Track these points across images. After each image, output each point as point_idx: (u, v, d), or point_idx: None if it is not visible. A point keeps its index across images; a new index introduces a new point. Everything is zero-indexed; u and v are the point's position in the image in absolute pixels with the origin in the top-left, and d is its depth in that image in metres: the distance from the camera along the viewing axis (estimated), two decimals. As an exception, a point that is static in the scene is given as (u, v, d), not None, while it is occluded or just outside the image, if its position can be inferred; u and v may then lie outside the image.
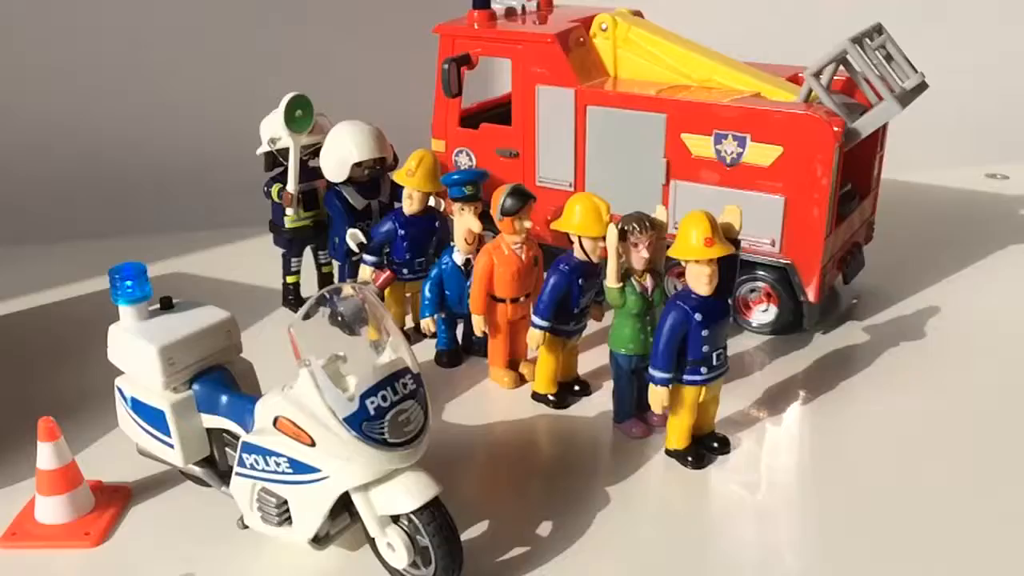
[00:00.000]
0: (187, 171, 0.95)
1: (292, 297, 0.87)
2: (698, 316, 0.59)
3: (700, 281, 0.59)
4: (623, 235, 0.63)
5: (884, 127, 0.82)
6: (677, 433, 0.63)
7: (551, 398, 0.70)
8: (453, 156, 0.89)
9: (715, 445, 0.64)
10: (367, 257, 0.77)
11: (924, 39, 0.94)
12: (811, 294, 0.75)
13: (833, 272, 0.79)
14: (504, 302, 0.71)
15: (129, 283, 0.53)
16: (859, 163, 0.83)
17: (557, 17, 0.88)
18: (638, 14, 0.88)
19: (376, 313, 0.49)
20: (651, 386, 0.61)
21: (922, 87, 0.77)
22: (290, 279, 0.86)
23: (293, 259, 0.86)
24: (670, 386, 0.60)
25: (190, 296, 0.57)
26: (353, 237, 0.77)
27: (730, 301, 0.63)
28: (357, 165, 0.79)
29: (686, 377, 0.60)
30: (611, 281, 0.63)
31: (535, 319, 0.68)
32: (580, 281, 0.68)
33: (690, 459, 0.63)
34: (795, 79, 0.81)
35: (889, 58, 0.77)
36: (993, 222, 1.05)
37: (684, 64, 0.81)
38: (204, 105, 1.27)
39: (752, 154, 0.73)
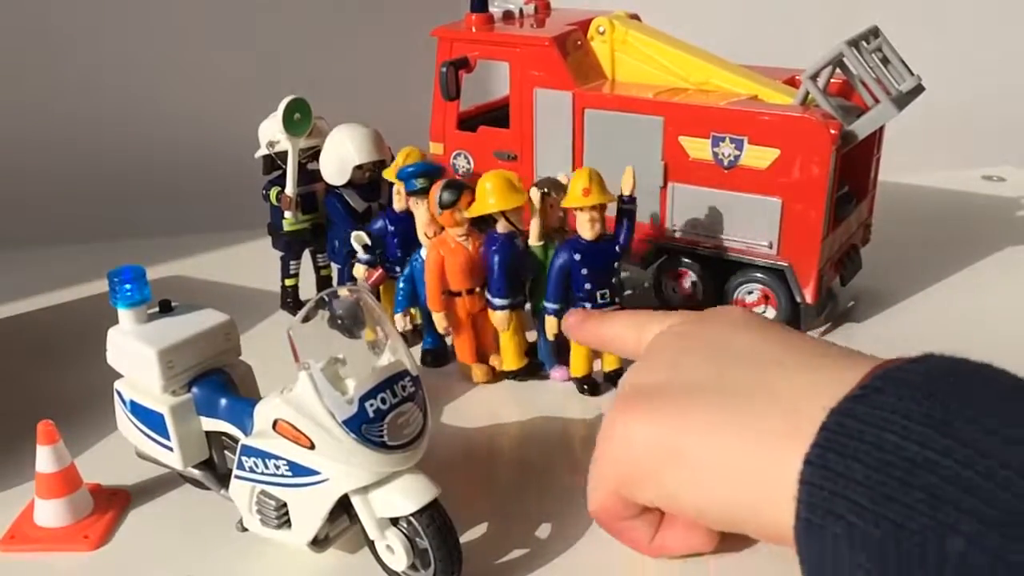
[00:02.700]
0: (186, 174, 0.95)
1: (291, 300, 0.87)
2: (577, 256, 0.67)
3: (584, 227, 0.67)
4: (544, 197, 0.69)
5: (881, 129, 0.83)
6: (576, 362, 0.70)
7: (520, 372, 0.72)
8: (451, 159, 0.89)
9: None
10: (361, 256, 0.77)
11: (920, 42, 0.94)
12: (808, 296, 0.75)
13: (830, 274, 0.79)
14: (460, 295, 0.71)
15: (128, 286, 0.53)
16: (856, 165, 0.83)
17: (554, 20, 0.88)
18: (635, 17, 0.88)
19: (374, 315, 0.49)
20: (546, 316, 0.69)
21: (918, 90, 0.77)
22: (288, 282, 0.86)
23: (292, 262, 0.86)
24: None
25: (189, 299, 0.57)
26: (358, 239, 0.76)
27: (618, 249, 0.69)
28: (358, 168, 0.79)
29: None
30: (534, 240, 0.70)
31: (495, 301, 0.70)
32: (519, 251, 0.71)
33: (586, 387, 0.70)
34: (792, 82, 0.81)
35: (885, 61, 0.77)
36: (989, 224, 1.06)
37: (681, 67, 0.82)
38: (203, 108, 1.27)
39: (749, 156, 0.74)
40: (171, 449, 0.54)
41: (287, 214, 0.82)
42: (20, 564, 0.54)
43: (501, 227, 0.69)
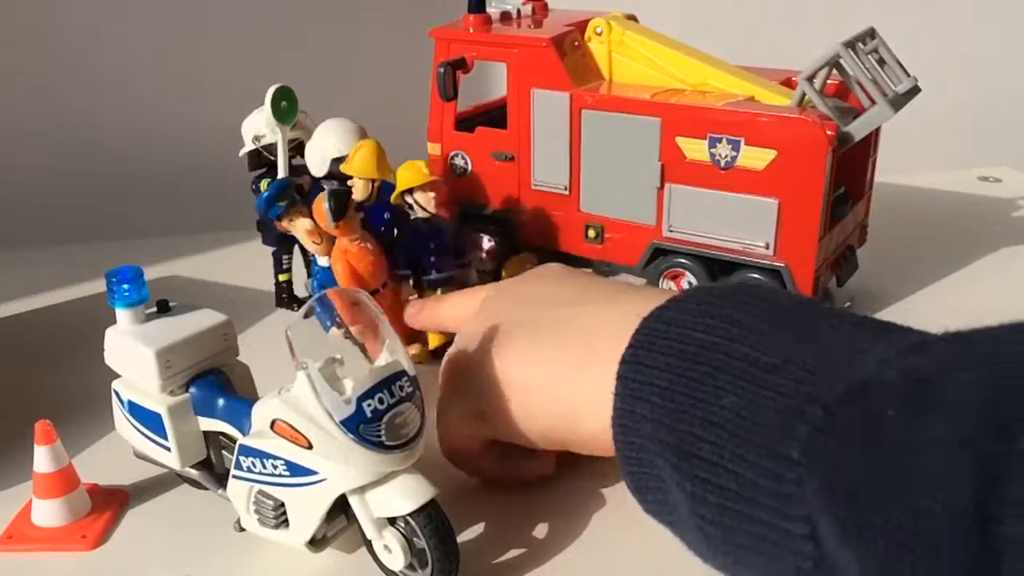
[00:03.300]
0: (184, 174, 0.95)
1: (286, 296, 0.87)
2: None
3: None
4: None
5: (877, 130, 0.83)
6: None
7: (442, 348, 0.72)
8: (449, 159, 0.89)
9: None
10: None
11: (917, 43, 0.94)
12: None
13: (827, 274, 0.79)
14: (377, 292, 0.72)
15: (126, 286, 0.53)
16: (852, 166, 0.84)
17: (552, 21, 0.88)
18: (633, 18, 0.88)
19: (372, 316, 0.49)
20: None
21: (915, 91, 0.77)
22: (282, 277, 0.86)
23: (284, 256, 0.85)
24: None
25: (187, 299, 0.57)
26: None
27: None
28: (337, 160, 0.79)
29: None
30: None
31: (434, 277, 0.76)
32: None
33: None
34: (788, 83, 0.81)
35: (882, 62, 0.77)
36: (986, 224, 1.06)
37: (679, 68, 0.82)
38: (202, 108, 1.27)
39: (746, 158, 0.74)
40: (169, 449, 0.54)
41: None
42: (18, 564, 0.54)
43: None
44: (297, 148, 0.83)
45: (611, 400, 0.44)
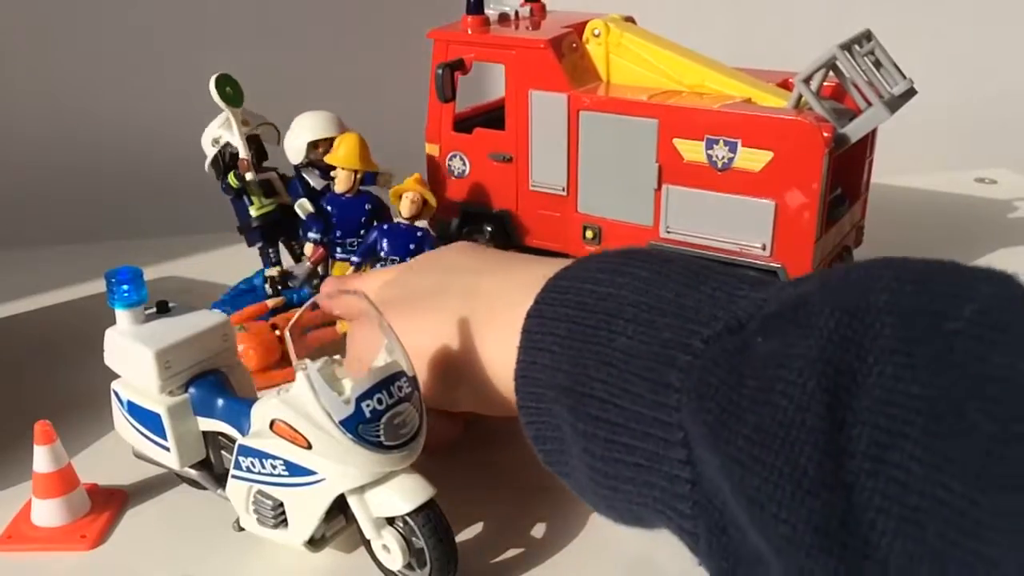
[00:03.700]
0: (183, 175, 0.95)
1: (280, 287, 0.86)
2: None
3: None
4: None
5: (873, 132, 0.83)
6: None
7: None
8: (447, 160, 0.89)
9: None
10: (311, 235, 0.81)
11: (913, 45, 0.95)
12: (802, 297, 0.76)
13: (823, 276, 0.79)
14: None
15: (125, 287, 0.53)
16: (849, 168, 0.84)
17: (550, 23, 0.89)
18: (630, 20, 0.89)
19: (370, 317, 0.50)
20: None
21: (911, 93, 0.77)
22: (272, 272, 0.85)
23: (270, 250, 0.85)
24: None
25: (186, 300, 0.57)
26: (302, 207, 0.81)
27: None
28: (313, 146, 0.82)
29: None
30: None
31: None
32: None
33: None
34: (785, 85, 0.82)
35: (878, 64, 0.78)
36: (982, 226, 1.06)
37: (676, 70, 0.82)
38: (201, 109, 1.27)
39: (743, 159, 0.74)
40: (168, 449, 0.54)
41: (249, 175, 0.81)
42: (17, 564, 0.54)
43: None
44: (259, 150, 0.84)
45: (515, 356, 0.46)
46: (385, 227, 0.79)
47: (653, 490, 0.40)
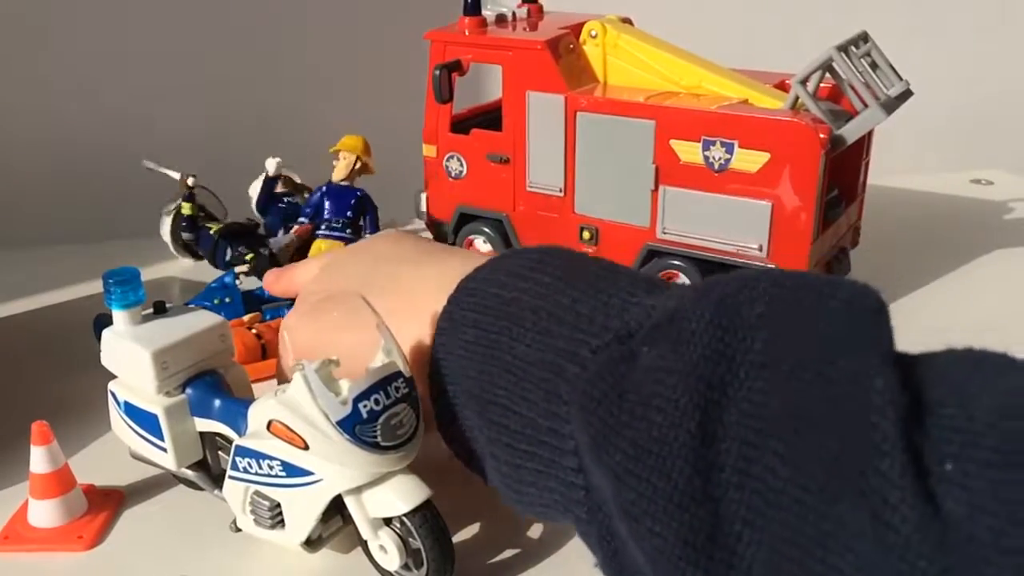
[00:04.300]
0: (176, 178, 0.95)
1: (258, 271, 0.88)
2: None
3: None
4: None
5: (870, 133, 0.83)
6: None
7: None
8: (444, 161, 0.89)
9: None
10: (301, 217, 0.88)
11: (909, 47, 0.95)
12: (798, 298, 0.76)
13: (820, 276, 0.80)
14: None
15: (123, 287, 0.53)
16: (845, 169, 0.84)
17: (547, 24, 0.89)
18: (628, 21, 0.89)
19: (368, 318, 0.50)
20: None
21: (907, 94, 0.78)
22: (241, 269, 0.87)
23: (235, 252, 0.88)
24: None
25: (183, 301, 0.57)
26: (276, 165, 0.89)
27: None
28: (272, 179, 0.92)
29: None
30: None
31: None
32: None
33: None
34: (782, 86, 0.82)
35: (874, 65, 0.78)
36: (978, 227, 1.06)
37: (673, 71, 0.82)
38: (200, 109, 1.27)
39: (739, 160, 0.74)
40: (165, 450, 0.54)
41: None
42: (14, 564, 0.54)
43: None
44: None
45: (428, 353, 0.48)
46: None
47: (554, 494, 0.42)
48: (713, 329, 0.34)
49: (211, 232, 0.89)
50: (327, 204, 0.88)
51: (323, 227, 0.88)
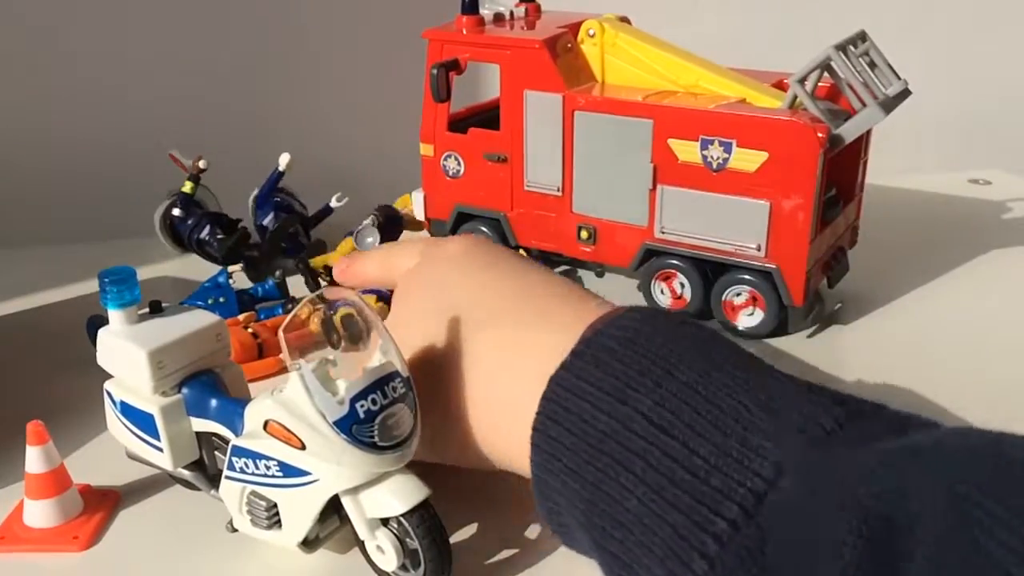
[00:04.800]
0: (178, 174, 0.95)
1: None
2: None
3: None
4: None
5: (868, 133, 0.83)
6: None
7: None
8: (442, 160, 0.89)
9: None
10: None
11: (907, 46, 0.95)
12: (796, 298, 0.76)
13: (818, 276, 0.80)
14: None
15: (118, 287, 0.53)
16: (843, 168, 0.84)
17: (545, 23, 0.89)
18: (625, 20, 0.89)
19: (365, 316, 0.49)
20: None
21: (905, 94, 0.77)
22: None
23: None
24: None
25: (179, 300, 0.57)
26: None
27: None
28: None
29: None
30: None
31: None
32: None
33: None
34: (780, 85, 0.82)
35: (873, 65, 0.78)
36: (976, 227, 1.07)
37: (671, 70, 0.82)
38: (198, 108, 1.27)
39: (738, 159, 0.74)
40: (161, 450, 0.54)
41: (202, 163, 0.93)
42: (9, 565, 0.54)
43: None
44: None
45: (525, 453, 0.42)
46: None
47: None
48: (868, 531, 0.29)
49: (199, 213, 0.92)
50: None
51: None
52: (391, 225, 0.93)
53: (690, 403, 0.36)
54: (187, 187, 0.93)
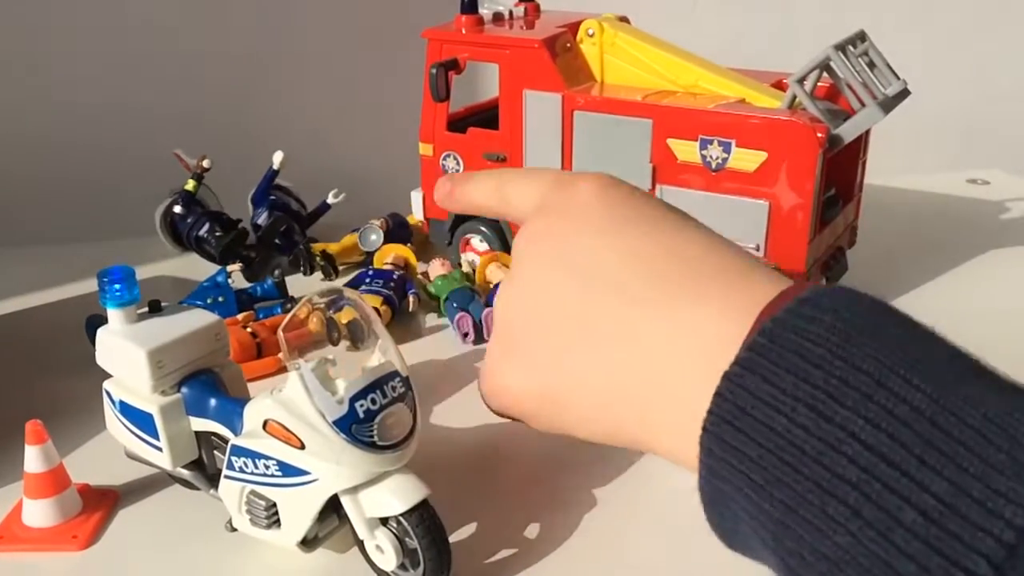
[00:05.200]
0: (176, 174, 0.95)
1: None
2: None
3: None
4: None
5: (867, 133, 0.83)
6: None
7: None
8: (441, 160, 0.89)
9: None
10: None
11: (906, 46, 0.95)
12: (795, 298, 0.76)
13: (817, 276, 0.80)
14: None
15: (117, 286, 0.53)
16: (842, 168, 0.84)
17: (544, 22, 0.89)
18: (624, 20, 0.89)
19: (365, 316, 0.49)
20: None
21: (904, 93, 0.77)
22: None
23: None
24: None
25: (178, 300, 0.57)
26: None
27: None
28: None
29: None
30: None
31: None
32: None
33: None
34: (779, 85, 0.82)
35: (872, 65, 0.78)
36: (974, 226, 1.07)
37: (670, 70, 0.82)
38: (196, 108, 1.27)
39: (737, 159, 0.74)
40: (160, 449, 0.54)
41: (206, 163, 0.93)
42: (8, 564, 0.54)
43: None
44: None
45: (680, 445, 0.35)
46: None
47: None
48: None
49: (200, 211, 0.93)
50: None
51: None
52: (400, 231, 0.94)
53: (912, 425, 0.30)
54: (190, 185, 0.93)
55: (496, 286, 0.81)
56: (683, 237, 0.41)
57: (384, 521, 0.49)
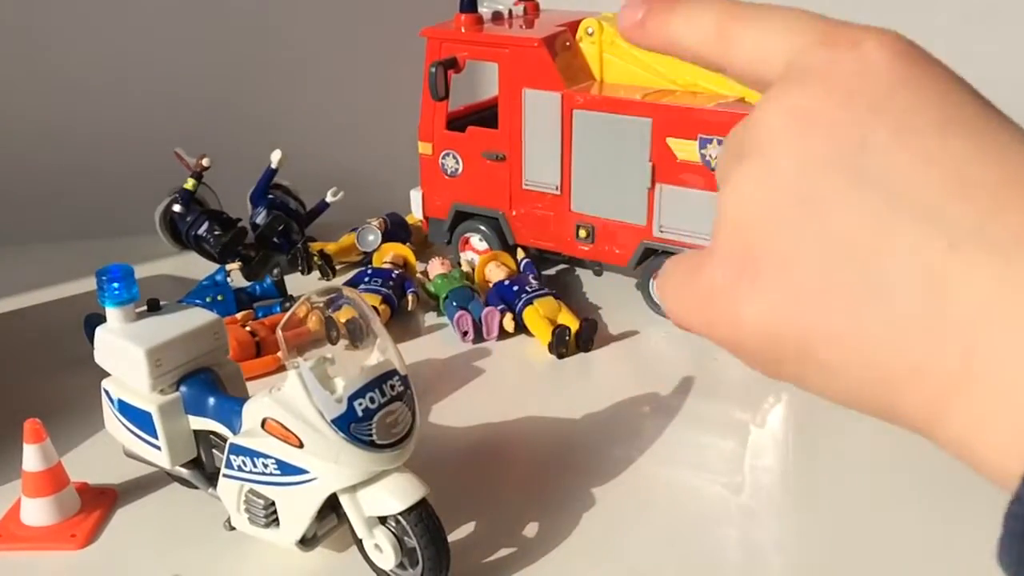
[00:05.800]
0: (175, 173, 0.95)
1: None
2: None
3: None
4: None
5: (866, 132, 0.83)
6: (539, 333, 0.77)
7: None
8: (440, 159, 0.89)
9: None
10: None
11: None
12: (794, 297, 0.76)
13: (816, 275, 0.79)
14: None
15: (116, 285, 0.53)
16: (842, 167, 0.84)
17: (543, 21, 0.88)
18: (624, 19, 0.89)
19: (364, 315, 0.49)
20: None
21: (904, 93, 0.77)
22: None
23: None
24: None
25: (177, 298, 0.57)
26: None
27: None
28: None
29: None
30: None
31: None
32: None
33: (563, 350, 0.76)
34: (779, 84, 0.82)
35: (871, 64, 0.78)
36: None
37: (670, 69, 0.82)
38: (195, 107, 1.27)
39: (736, 158, 0.74)
40: (159, 448, 0.54)
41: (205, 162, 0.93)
42: (7, 563, 0.54)
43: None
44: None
45: (1000, 447, 0.21)
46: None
47: None
48: None
49: (199, 210, 0.93)
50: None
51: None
52: (398, 231, 0.93)
53: None
54: (189, 184, 0.93)
55: (496, 286, 0.81)
56: (979, 132, 0.24)
57: (383, 520, 0.49)
